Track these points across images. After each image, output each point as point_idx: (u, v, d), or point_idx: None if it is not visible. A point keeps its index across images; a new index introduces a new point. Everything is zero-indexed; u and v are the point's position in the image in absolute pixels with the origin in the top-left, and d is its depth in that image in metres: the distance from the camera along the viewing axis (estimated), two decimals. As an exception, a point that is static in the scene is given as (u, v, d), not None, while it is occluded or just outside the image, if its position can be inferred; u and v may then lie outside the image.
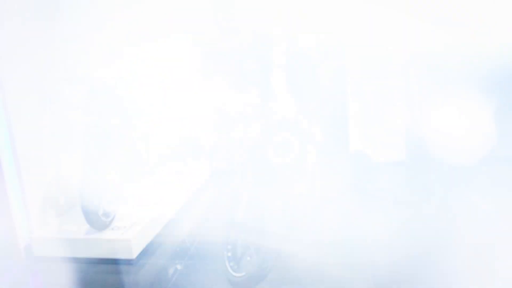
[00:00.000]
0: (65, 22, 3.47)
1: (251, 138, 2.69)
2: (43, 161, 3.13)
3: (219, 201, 3.93)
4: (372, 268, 2.56)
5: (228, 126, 4.32)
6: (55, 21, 3.33)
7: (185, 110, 4.00)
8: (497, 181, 3.31)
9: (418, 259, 2.63)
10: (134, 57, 4.31)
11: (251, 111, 2.73)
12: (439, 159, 3.96)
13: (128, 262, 2.82)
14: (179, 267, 2.77)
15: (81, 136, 2.98)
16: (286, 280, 2.55)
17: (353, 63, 4.27)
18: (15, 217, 2.91)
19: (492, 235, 2.86)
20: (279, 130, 2.58)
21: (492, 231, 2.92)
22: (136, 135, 3.31)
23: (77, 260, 2.88)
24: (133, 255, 2.81)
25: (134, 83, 3.36)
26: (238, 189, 2.61)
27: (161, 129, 3.81)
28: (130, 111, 3.22)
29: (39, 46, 3.13)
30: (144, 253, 2.96)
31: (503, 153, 3.34)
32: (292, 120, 2.66)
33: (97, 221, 2.84)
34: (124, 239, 2.80)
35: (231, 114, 2.74)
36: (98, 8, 3.84)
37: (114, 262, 2.83)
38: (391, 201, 3.55)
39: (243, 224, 2.45)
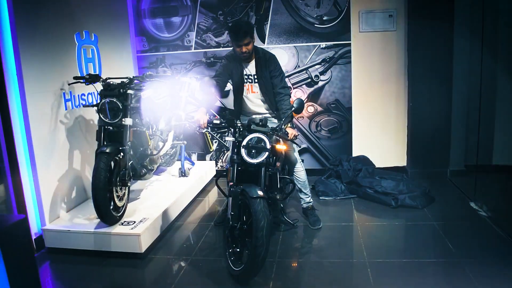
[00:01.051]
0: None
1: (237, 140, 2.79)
2: (57, 156, 3.23)
3: (222, 200, 4.02)
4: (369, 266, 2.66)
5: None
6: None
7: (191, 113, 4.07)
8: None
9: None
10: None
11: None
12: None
13: (137, 256, 2.92)
14: (183, 263, 2.87)
15: (93, 133, 3.05)
16: (278, 274, 2.66)
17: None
18: (28, 209, 3.01)
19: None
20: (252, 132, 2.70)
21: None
22: (147, 134, 3.38)
23: (87, 253, 2.98)
24: (142, 249, 2.91)
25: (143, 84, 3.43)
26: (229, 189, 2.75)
27: (171, 130, 3.90)
28: (141, 111, 3.29)
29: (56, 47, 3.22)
30: (152, 247, 3.06)
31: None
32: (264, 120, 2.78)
33: (107, 215, 2.93)
34: (134, 234, 2.90)
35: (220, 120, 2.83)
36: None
37: (123, 255, 2.93)
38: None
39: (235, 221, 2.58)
